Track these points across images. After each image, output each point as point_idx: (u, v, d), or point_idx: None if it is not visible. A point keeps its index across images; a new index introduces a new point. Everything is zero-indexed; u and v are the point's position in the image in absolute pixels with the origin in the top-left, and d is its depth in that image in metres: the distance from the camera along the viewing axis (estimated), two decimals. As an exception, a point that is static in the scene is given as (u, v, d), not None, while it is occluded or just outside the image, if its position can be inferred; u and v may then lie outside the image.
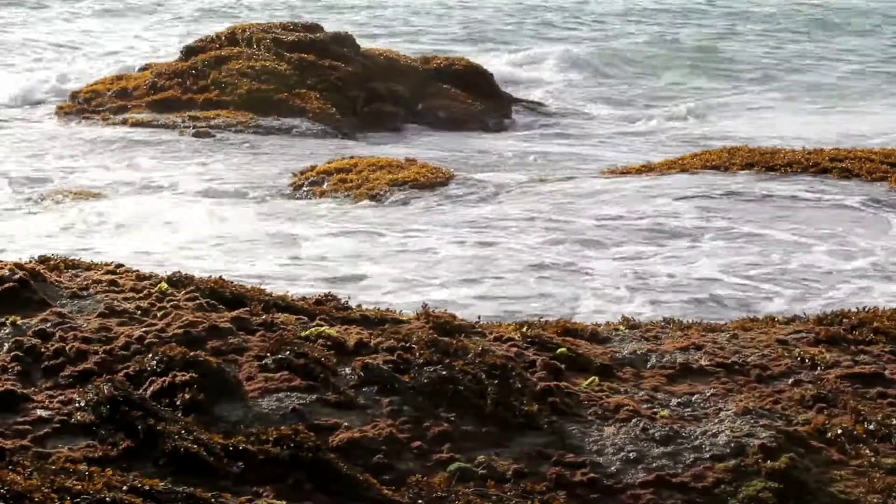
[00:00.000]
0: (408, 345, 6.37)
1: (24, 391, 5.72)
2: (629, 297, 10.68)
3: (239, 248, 12.42)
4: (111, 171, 16.95)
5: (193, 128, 19.87)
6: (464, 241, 12.58)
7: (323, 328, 6.53)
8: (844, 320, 7.43)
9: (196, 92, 21.73)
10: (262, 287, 7.50)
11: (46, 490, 4.67)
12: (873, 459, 5.77)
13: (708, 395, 6.33)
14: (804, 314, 7.82)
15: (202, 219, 13.86)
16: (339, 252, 12.18)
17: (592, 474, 5.54)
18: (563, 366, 6.50)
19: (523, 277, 11.26)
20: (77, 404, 5.53)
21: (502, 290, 10.89)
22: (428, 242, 12.57)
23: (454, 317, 7.01)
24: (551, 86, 28.13)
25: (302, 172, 16.21)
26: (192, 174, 16.59)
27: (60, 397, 5.69)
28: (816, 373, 6.64)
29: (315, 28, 24.39)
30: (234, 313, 6.59)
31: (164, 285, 6.87)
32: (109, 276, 7.04)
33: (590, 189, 15.15)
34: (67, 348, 6.09)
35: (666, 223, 13.12)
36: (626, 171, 16.49)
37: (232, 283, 7.15)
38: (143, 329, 6.31)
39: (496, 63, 29.32)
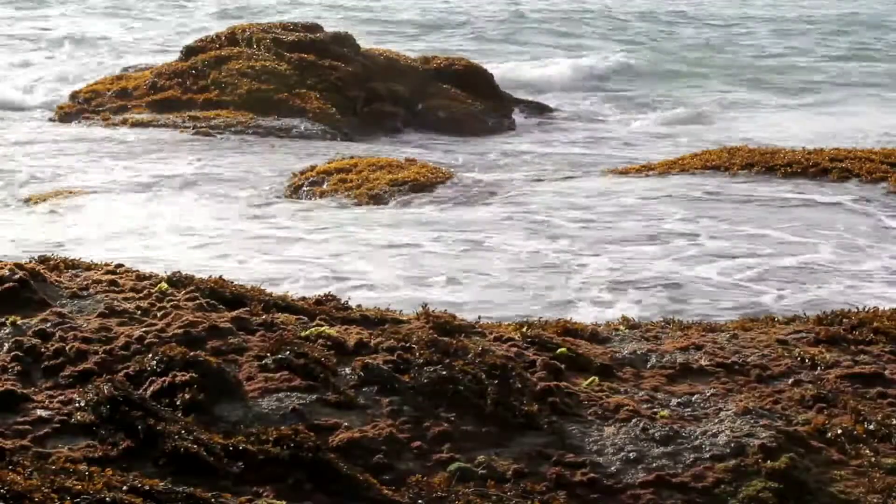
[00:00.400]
0: (408, 345, 6.37)
1: (24, 391, 5.72)
2: (620, 297, 10.72)
3: (233, 248, 12.42)
4: (108, 170, 16.93)
5: (193, 128, 19.88)
6: (459, 241, 12.61)
7: (323, 328, 6.53)
8: (844, 320, 7.43)
9: (196, 92, 21.74)
10: (260, 287, 7.49)
11: (46, 490, 4.67)
12: (873, 459, 5.77)
13: (708, 395, 6.33)
14: (804, 314, 7.81)
15: (197, 218, 13.87)
16: (336, 252, 12.19)
17: (592, 474, 5.54)
18: (563, 366, 6.49)
19: (515, 276, 11.29)
20: (77, 404, 5.53)
21: (495, 288, 10.92)
22: (422, 241, 12.60)
23: (454, 317, 7.01)
24: (557, 88, 28.12)
25: (302, 172, 16.21)
26: (191, 174, 16.59)
27: (60, 397, 5.69)
28: (816, 373, 6.64)
29: (315, 28, 24.39)
30: (234, 313, 6.59)
31: (164, 285, 6.87)
32: (109, 276, 7.03)
33: (587, 189, 15.18)
34: (67, 348, 6.09)
35: (658, 225, 13.14)
36: (626, 171, 16.50)
37: (232, 283, 7.14)
38: (143, 329, 6.31)
39: (504, 65, 29.38)
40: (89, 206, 14.57)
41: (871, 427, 6.03)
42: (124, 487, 4.83)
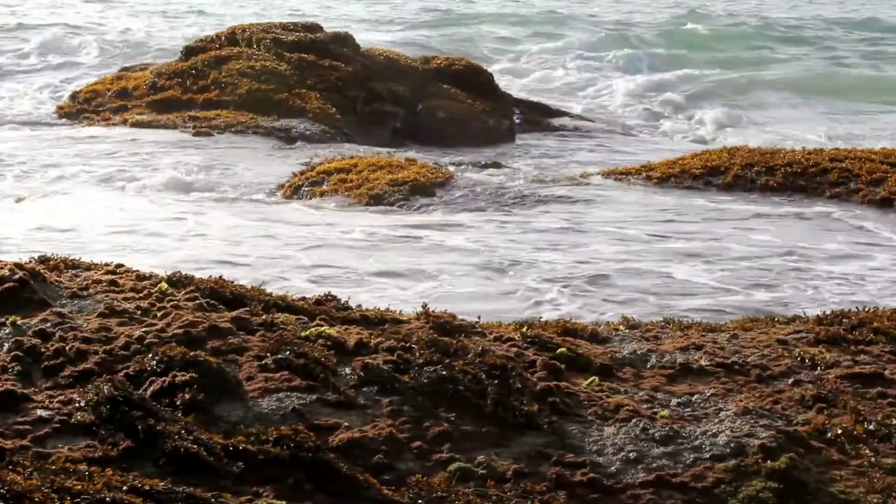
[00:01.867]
0: (408, 345, 6.37)
1: (24, 391, 5.72)
2: (595, 297, 10.84)
3: (229, 247, 12.42)
4: (105, 170, 16.91)
5: (193, 128, 19.87)
6: (453, 240, 12.65)
7: (323, 328, 6.53)
8: (844, 320, 7.43)
9: (196, 92, 21.73)
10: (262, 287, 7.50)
11: (46, 490, 4.67)
12: (873, 459, 5.77)
13: (708, 395, 6.33)
14: (804, 314, 7.82)
15: (190, 218, 13.88)
16: (334, 251, 12.20)
17: (592, 474, 5.54)
18: (563, 366, 6.49)
19: (479, 271, 11.40)
20: (77, 404, 5.53)
21: (467, 277, 11.05)
22: (416, 239, 12.68)
23: (454, 317, 7.01)
24: (569, 93, 28.11)
25: (301, 172, 16.21)
26: (190, 174, 16.58)
27: (60, 397, 5.69)
28: (816, 373, 6.64)
29: (315, 28, 24.40)
30: (234, 313, 6.59)
31: (164, 285, 6.87)
32: (109, 276, 7.04)
33: (584, 192, 15.24)
34: (67, 348, 6.09)
35: (638, 233, 13.23)
36: (626, 172, 16.49)
37: (232, 282, 7.15)
38: (143, 329, 6.31)
39: (513, 68, 29.43)
40: (82, 204, 14.57)
41: (871, 427, 6.03)
42: (124, 487, 4.83)
